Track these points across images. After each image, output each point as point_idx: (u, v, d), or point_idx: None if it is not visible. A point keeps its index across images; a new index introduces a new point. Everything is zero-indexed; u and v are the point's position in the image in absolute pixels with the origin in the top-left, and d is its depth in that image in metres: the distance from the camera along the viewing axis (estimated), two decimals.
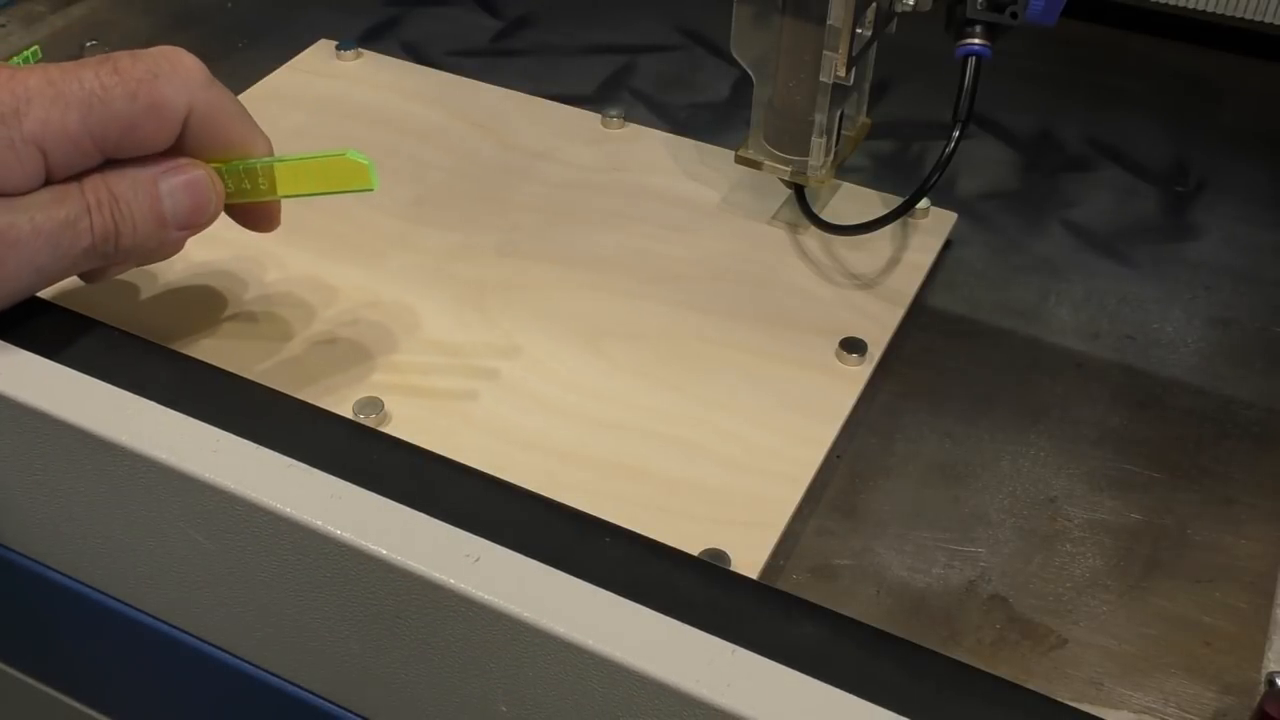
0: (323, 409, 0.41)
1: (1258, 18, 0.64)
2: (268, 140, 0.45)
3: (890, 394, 0.49)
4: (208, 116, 0.43)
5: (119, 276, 0.47)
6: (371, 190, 0.44)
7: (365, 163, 0.43)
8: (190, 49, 0.43)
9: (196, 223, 0.44)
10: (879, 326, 0.50)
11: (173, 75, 0.42)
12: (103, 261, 0.43)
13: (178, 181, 0.43)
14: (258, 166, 0.44)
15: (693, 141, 0.60)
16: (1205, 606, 0.42)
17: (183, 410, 0.39)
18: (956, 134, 0.48)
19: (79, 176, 0.42)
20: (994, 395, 0.49)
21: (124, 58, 0.42)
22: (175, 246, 0.44)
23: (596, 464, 0.45)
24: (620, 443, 0.46)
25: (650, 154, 0.59)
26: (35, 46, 0.65)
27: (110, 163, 0.42)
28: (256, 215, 0.46)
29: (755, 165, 0.54)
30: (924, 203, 0.54)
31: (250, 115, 0.44)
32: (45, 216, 0.40)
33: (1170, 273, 0.55)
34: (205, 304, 0.50)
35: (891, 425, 0.48)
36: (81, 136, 0.41)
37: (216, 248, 0.50)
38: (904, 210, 0.51)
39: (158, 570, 0.42)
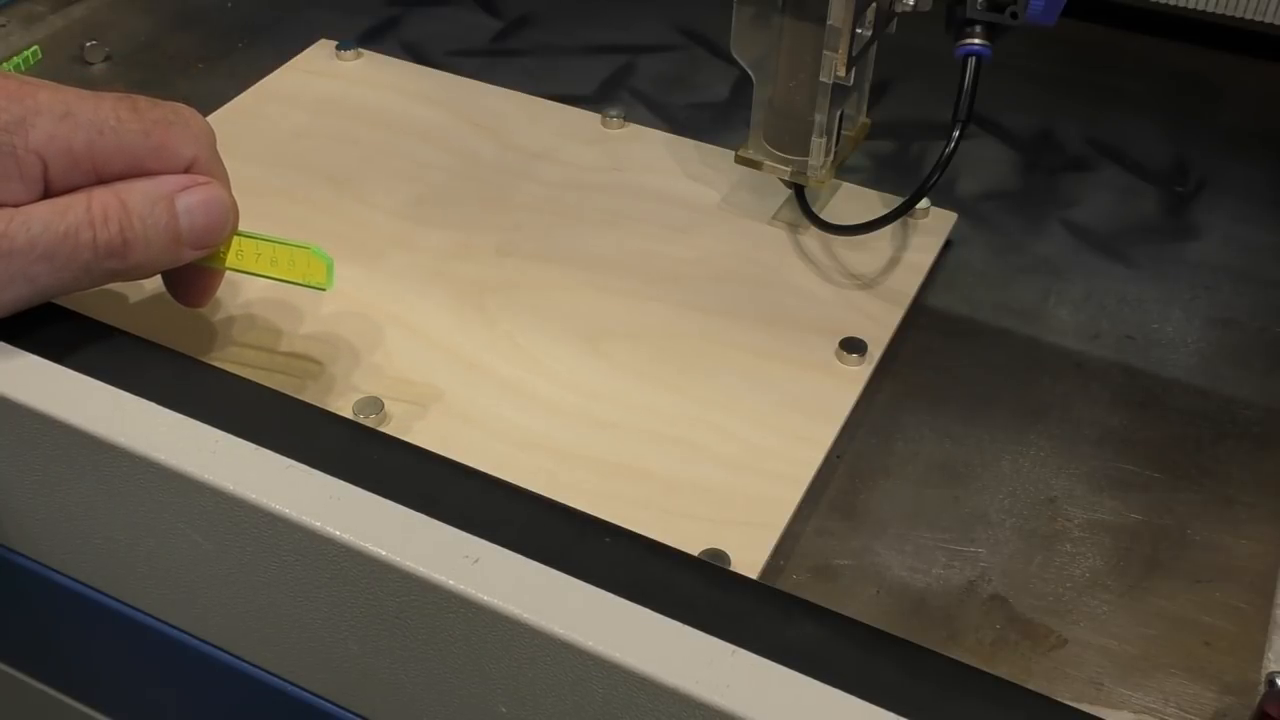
0: (322, 409, 0.41)
1: (1258, 18, 0.64)
2: (239, 218, 0.45)
3: (890, 394, 0.49)
4: (206, 174, 0.43)
5: None
6: (324, 290, 0.44)
7: (326, 261, 0.43)
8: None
9: (211, 243, 0.43)
10: (879, 326, 0.50)
11: (186, 128, 0.43)
12: (110, 278, 0.42)
13: (195, 200, 0.42)
14: None
15: (693, 141, 0.60)
16: (1205, 606, 0.42)
17: (181, 411, 0.39)
18: (956, 134, 0.48)
19: (86, 189, 0.41)
20: (994, 395, 0.49)
21: (143, 100, 0.42)
22: (183, 262, 0.44)
23: (596, 464, 0.45)
24: (620, 443, 0.46)
25: (650, 154, 0.59)
26: (35, 46, 0.64)
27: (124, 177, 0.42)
28: (195, 284, 0.46)
29: (755, 165, 0.54)
30: (924, 203, 0.54)
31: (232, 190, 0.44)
32: (43, 228, 0.40)
33: (1170, 273, 0.55)
34: None
35: (891, 425, 0.48)
36: (84, 158, 0.41)
37: None
38: (904, 210, 0.51)
39: (157, 570, 0.42)
